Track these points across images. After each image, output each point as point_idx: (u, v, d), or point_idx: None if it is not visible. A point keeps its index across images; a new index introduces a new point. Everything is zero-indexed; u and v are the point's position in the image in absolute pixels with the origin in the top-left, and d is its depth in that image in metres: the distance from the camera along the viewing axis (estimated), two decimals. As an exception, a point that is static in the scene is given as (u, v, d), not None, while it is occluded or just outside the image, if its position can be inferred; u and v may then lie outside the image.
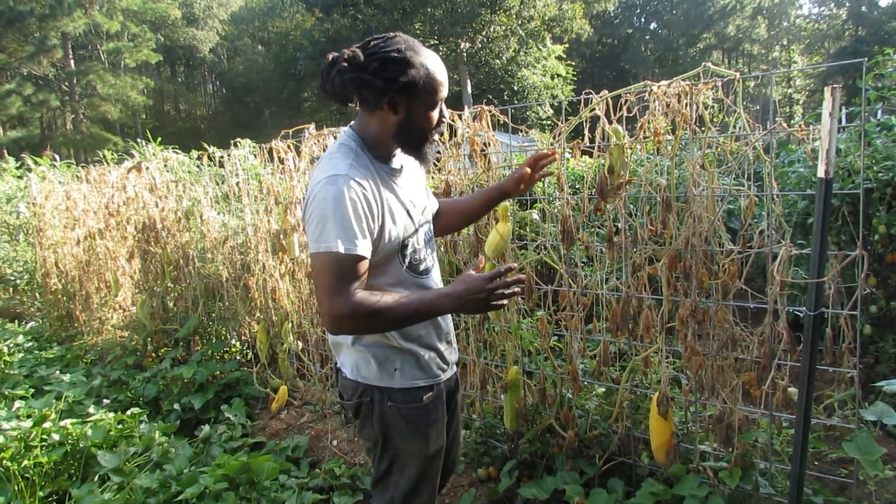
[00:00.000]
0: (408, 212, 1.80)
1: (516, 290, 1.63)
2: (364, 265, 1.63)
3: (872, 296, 3.55)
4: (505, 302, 1.64)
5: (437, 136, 1.81)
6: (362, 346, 1.82)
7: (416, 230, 1.84)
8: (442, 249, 3.08)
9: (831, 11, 45.55)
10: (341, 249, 1.57)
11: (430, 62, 1.68)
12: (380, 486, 1.94)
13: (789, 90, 43.97)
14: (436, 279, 1.96)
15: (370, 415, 1.86)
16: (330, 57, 1.68)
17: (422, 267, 1.87)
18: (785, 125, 2.06)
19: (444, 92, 1.73)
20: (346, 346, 1.86)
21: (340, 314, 1.59)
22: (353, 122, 1.83)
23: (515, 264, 1.76)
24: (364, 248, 1.61)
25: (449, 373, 1.97)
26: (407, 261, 1.81)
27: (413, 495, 1.90)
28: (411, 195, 1.86)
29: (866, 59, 1.99)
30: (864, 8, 40.15)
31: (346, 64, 1.63)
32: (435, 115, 1.74)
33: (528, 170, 2.16)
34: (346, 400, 1.92)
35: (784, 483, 2.32)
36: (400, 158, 1.86)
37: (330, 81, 1.67)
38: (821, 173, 1.80)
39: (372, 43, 1.67)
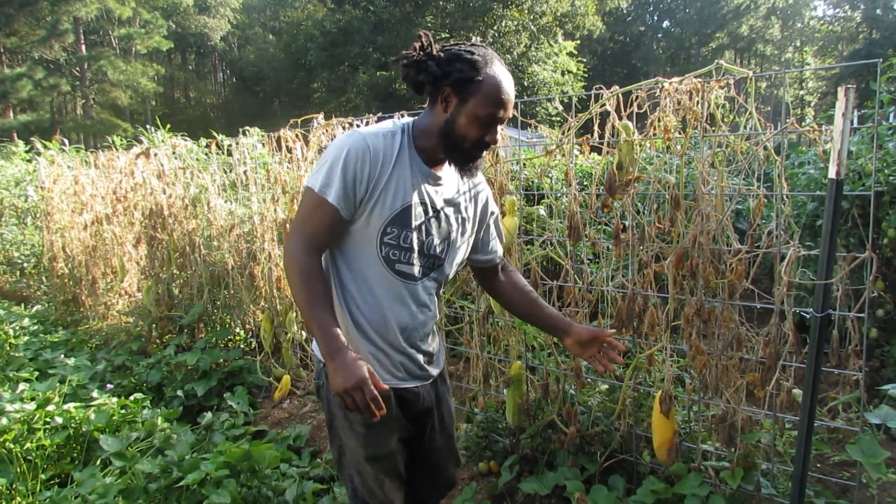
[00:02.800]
0: (408, 206, 1.74)
1: (369, 411, 1.54)
2: (331, 216, 1.67)
3: (880, 299, 3.53)
4: (349, 409, 1.56)
5: (480, 155, 1.77)
6: None
7: (409, 228, 1.76)
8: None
9: (846, 13, 45.21)
10: (317, 188, 1.66)
11: (499, 75, 1.67)
12: (340, 472, 1.96)
13: (801, 92, 43.76)
14: (417, 293, 1.84)
15: (323, 398, 1.89)
16: (416, 42, 1.71)
17: (399, 267, 1.78)
18: (797, 125, 2.04)
19: (500, 111, 1.68)
20: None
21: (288, 251, 1.68)
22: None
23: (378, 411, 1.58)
24: (336, 198, 1.65)
25: (409, 383, 1.89)
26: (384, 251, 1.75)
27: (364, 490, 1.88)
28: (431, 203, 1.79)
29: (881, 60, 1.97)
30: (878, 11, 39.84)
31: (419, 47, 1.67)
32: (480, 128, 1.69)
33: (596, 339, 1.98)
34: (314, 380, 1.94)
35: (786, 484, 2.31)
36: (450, 174, 1.84)
37: (402, 61, 1.71)
38: (832, 174, 1.78)
39: (457, 43, 1.71)
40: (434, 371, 1.99)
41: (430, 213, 1.80)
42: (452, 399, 2.21)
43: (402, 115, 2.49)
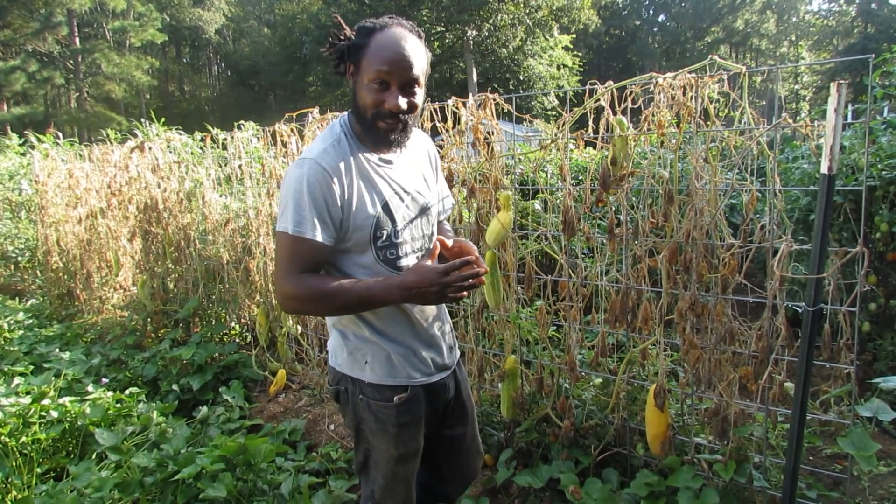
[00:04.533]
0: (386, 204, 1.73)
1: (473, 283, 1.59)
2: (315, 249, 1.62)
3: (872, 293, 3.55)
4: (463, 295, 1.61)
5: (388, 125, 1.66)
6: (338, 331, 1.82)
7: (395, 223, 1.75)
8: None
9: (841, 7, 45.22)
10: (291, 231, 1.60)
11: (390, 36, 1.62)
12: (362, 476, 1.95)
13: (796, 86, 43.76)
14: None
15: (347, 404, 1.85)
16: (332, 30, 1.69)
17: (400, 262, 1.78)
18: (790, 120, 2.05)
19: (386, 68, 1.60)
20: (331, 329, 1.86)
21: (286, 293, 1.63)
22: None
23: (473, 256, 1.67)
24: (315, 232, 1.60)
25: (436, 377, 1.89)
26: (381, 254, 1.74)
27: (388, 493, 1.88)
28: (401, 188, 1.78)
29: (873, 55, 1.98)
30: (873, 5, 39.85)
31: (336, 33, 1.67)
32: (374, 94, 1.62)
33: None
34: (329, 385, 1.92)
35: (778, 477, 2.33)
36: (398, 153, 1.81)
37: (330, 49, 1.70)
38: (824, 169, 1.79)
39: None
40: (455, 358, 2.01)
41: (405, 199, 1.79)
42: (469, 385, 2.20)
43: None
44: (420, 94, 1.69)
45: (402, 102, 1.63)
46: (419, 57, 1.65)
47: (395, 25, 1.65)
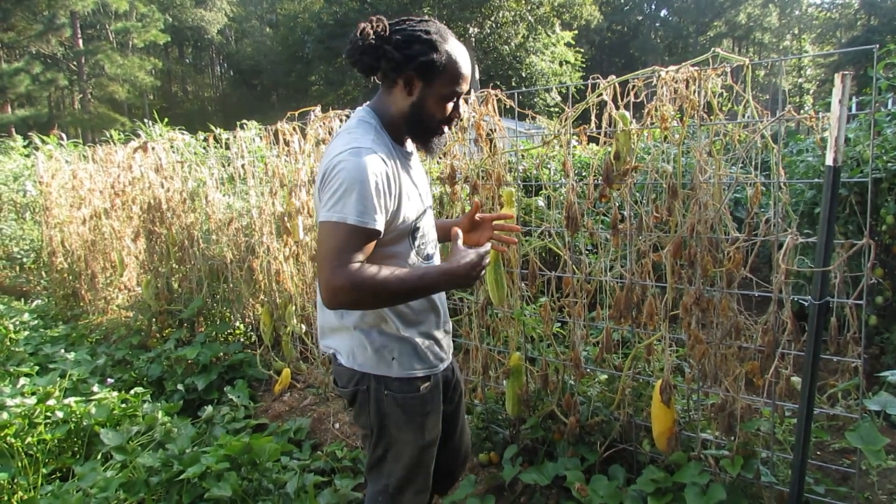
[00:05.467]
0: (420, 195, 1.80)
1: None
2: (373, 241, 1.62)
3: (879, 286, 3.53)
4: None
5: (447, 131, 1.79)
6: (361, 332, 1.80)
7: (425, 213, 1.84)
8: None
9: (843, 0, 45.07)
10: (355, 221, 1.56)
11: (457, 52, 1.67)
12: (374, 473, 1.94)
13: (800, 80, 43.66)
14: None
15: (366, 403, 1.84)
16: (360, 25, 1.66)
17: (428, 253, 1.87)
18: (794, 113, 2.04)
19: (464, 86, 1.70)
20: (345, 331, 1.83)
21: (340, 285, 1.55)
22: (370, 101, 1.82)
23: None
24: (379, 223, 1.60)
25: (447, 362, 1.96)
26: (416, 244, 1.80)
27: (407, 483, 1.89)
28: (420, 179, 1.86)
29: (877, 46, 1.96)
30: (877, -3, 39.72)
31: (371, 32, 1.63)
32: (449, 106, 1.72)
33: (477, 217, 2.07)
34: (341, 387, 1.91)
35: (786, 472, 2.32)
36: (411, 144, 1.86)
37: (354, 47, 1.66)
38: (829, 161, 1.78)
39: (405, 21, 1.68)
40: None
41: (424, 189, 1.87)
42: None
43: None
44: None
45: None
46: None
47: (451, 35, 1.69)
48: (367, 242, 1.60)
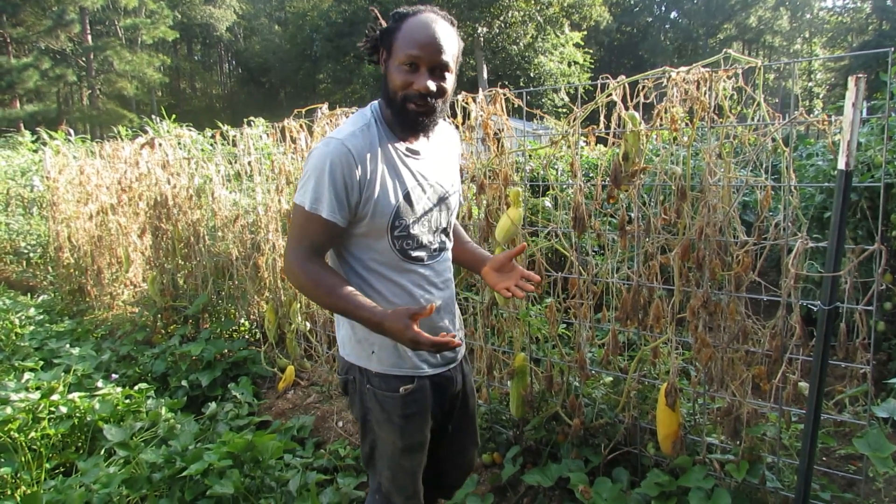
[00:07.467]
0: (407, 194, 1.73)
1: (444, 347, 1.56)
2: (327, 228, 1.65)
3: (888, 292, 3.50)
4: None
5: (416, 107, 1.66)
6: (348, 321, 1.79)
7: (414, 213, 1.76)
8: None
9: (855, 4, 44.82)
10: (307, 207, 1.63)
11: (421, 20, 1.64)
12: (369, 468, 1.95)
13: (810, 84, 43.44)
14: (437, 269, 1.86)
15: (354, 394, 1.86)
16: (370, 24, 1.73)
17: (414, 254, 1.79)
18: (805, 115, 2.02)
19: (416, 51, 1.61)
20: (342, 318, 1.84)
21: (288, 267, 1.68)
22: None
23: (455, 337, 1.60)
24: (330, 212, 1.62)
25: (441, 368, 1.88)
26: (397, 244, 1.75)
27: (394, 485, 1.88)
28: (425, 180, 1.79)
29: (892, 49, 1.94)
30: (889, 1, 39.50)
31: (372, 26, 1.71)
32: (404, 75, 1.63)
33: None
34: (338, 375, 1.93)
35: (791, 478, 2.30)
36: (425, 142, 1.81)
37: (367, 43, 1.73)
38: (841, 165, 1.76)
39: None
40: (462, 351, 2.02)
41: (427, 191, 1.80)
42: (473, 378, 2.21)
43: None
44: (450, 79, 1.70)
45: (431, 84, 1.64)
46: (450, 42, 1.66)
47: (427, 11, 1.67)
48: (323, 230, 1.65)
